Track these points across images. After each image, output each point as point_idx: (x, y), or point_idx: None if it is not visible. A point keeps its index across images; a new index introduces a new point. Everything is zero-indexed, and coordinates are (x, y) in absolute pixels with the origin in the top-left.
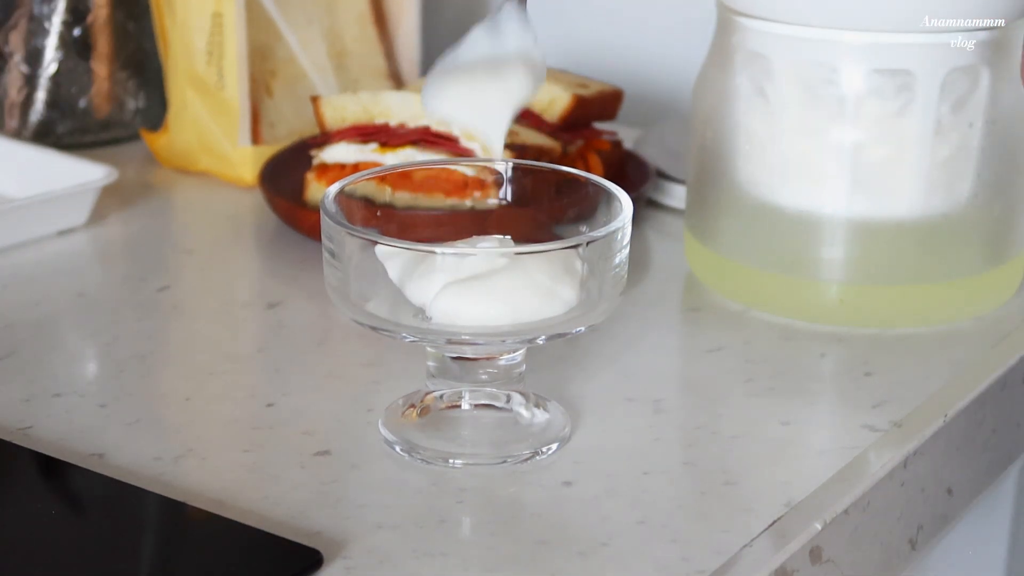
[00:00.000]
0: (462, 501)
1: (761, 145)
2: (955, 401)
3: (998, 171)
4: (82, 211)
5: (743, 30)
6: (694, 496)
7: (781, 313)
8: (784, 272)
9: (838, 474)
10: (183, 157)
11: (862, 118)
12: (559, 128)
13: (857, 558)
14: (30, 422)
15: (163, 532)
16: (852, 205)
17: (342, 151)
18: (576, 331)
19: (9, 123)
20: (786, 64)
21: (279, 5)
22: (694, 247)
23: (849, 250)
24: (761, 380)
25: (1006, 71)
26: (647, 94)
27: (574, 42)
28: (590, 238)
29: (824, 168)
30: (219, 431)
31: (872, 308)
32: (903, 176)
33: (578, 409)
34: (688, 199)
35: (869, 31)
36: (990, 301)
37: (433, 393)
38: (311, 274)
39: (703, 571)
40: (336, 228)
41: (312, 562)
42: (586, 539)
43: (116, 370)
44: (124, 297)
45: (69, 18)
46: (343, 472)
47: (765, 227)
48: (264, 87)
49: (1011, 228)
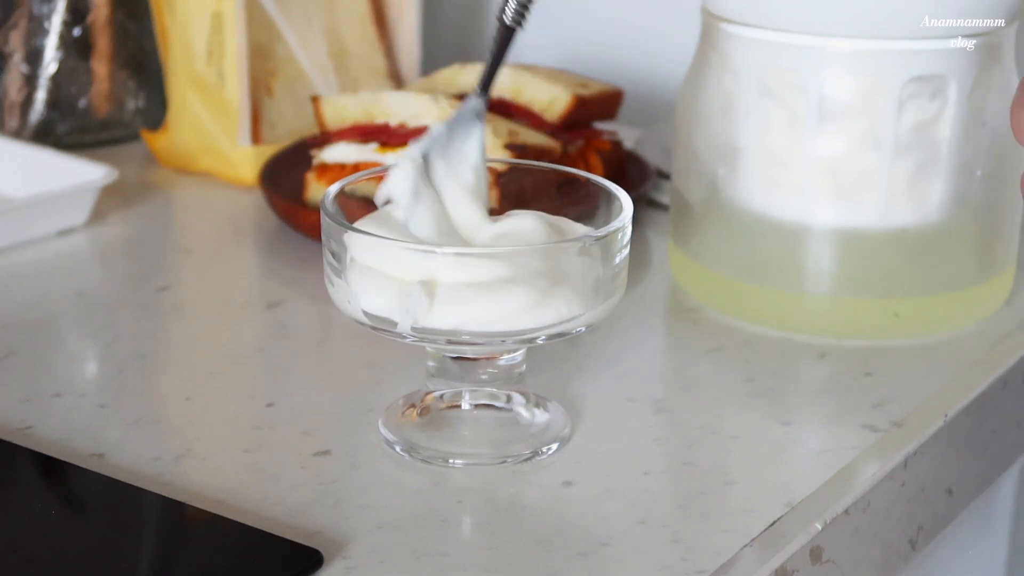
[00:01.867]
0: (462, 501)
1: (745, 154)
2: (955, 401)
3: (984, 182)
4: (82, 211)
5: (727, 37)
6: (694, 496)
7: (764, 324)
8: (767, 284)
9: (838, 474)
10: (183, 157)
11: (845, 127)
12: (559, 128)
13: (857, 558)
14: (30, 422)
15: (163, 532)
16: (836, 216)
17: (342, 151)
18: (576, 331)
19: (9, 123)
20: (768, 72)
21: (279, 5)
22: (678, 257)
23: (832, 261)
24: (761, 380)
25: (996, 78)
26: (647, 94)
27: (574, 42)
28: (590, 238)
29: (807, 178)
30: (219, 431)
31: (857, 321)
32: (885, 186)
33: (578, 409)
34: (671, 209)
35: (851, 38)
36: (978, 313)
37: (433, 393)
38: (311, 274)
39: (703, 571)
40: (336, 228)
41: (312, 562)
42: (586, 539)
43: (116, 370)
44: (124, 297)
45: (69, 18)
46: (343, 472)
47: (749, 238)
48: (264, 87)
49: (998, 240)
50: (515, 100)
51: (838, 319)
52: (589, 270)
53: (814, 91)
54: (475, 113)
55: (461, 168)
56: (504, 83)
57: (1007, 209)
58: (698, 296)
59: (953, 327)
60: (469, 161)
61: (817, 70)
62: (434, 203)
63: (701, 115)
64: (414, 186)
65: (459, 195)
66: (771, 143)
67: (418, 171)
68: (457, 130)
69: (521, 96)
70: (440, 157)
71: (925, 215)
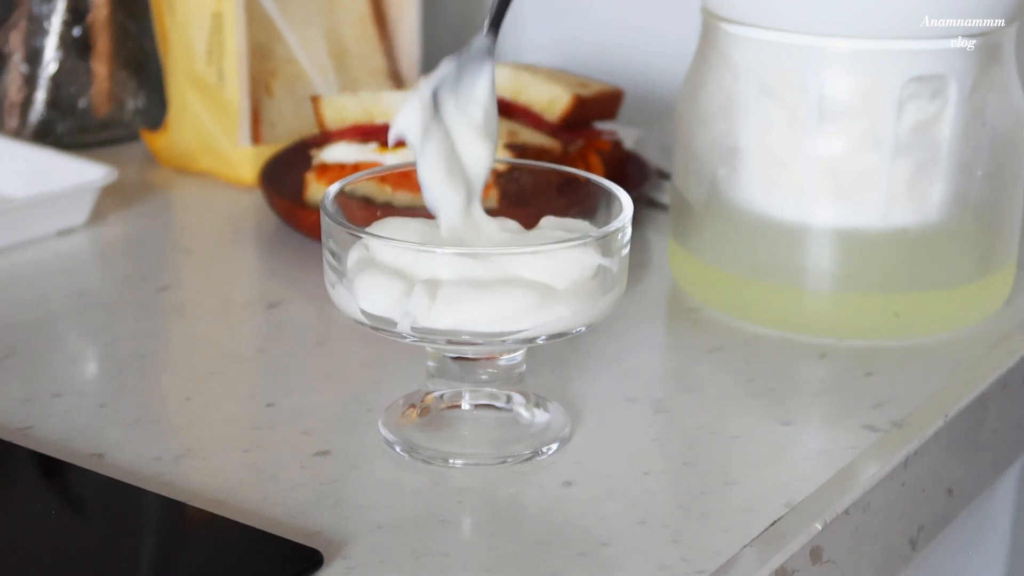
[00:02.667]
0: (462, 501)
1: (745, 154)
2: (955, 401)
3: (984, 182)
4: (82, 211)
5: (727, 37)
6: (694, 496)
7: (764, 324)
8: (767, 283)
9: (838, 474)
10: (183, 157)
11: (845, 127)
12: (559, 128)
13: (857, 558)
14: (30, 422)
15: (163, 532)
16: (836, 216)
17: (342, 151)
18: (576, 331)
19: (9, 123)
20: (768, 72)
21: (279, 5)
22: (678, 257)
23: (832, 261)
24: (761, 380)
25: (996, 78)
26: (647, 94)
27: (574, 42)
28: (590, 238)
29: (807, 178)
30: (219, 431)
31: (857, 320)
32: (885, 186)
33: (578, 409)
34: (671, 208)
35: (851, 38)
36: (978, 313)
37: (433, 393)
38: (311, 274)
39: (703, 571)
40: (336, 228)
41: (312, 562)
42: (586, 539)
43: (116, 370)
44: (124, 297)
45: (69, 18)
46: (343, 472)
47: (749, 238)
48: (264, 87)
49: (998, 240)
50: (515, 100)
51: (838, 319)
52: (589, 270)
53: (814, 91)
54: (485, 51)
55: (471, 107)
56: (504, 83)
57: (1007, 209)
58: (698, 296)
59: (953, 327)
60: (479, 100)
61: (817, 70)
62: (444, 141)
63: (701, 115)
64: (423, 123)
65: (469, 134)
66: (771, 143)
67: (427, 109)
68: (467, 68)
69: (521, 96)
70: (450, 95)
71: (925, 215)
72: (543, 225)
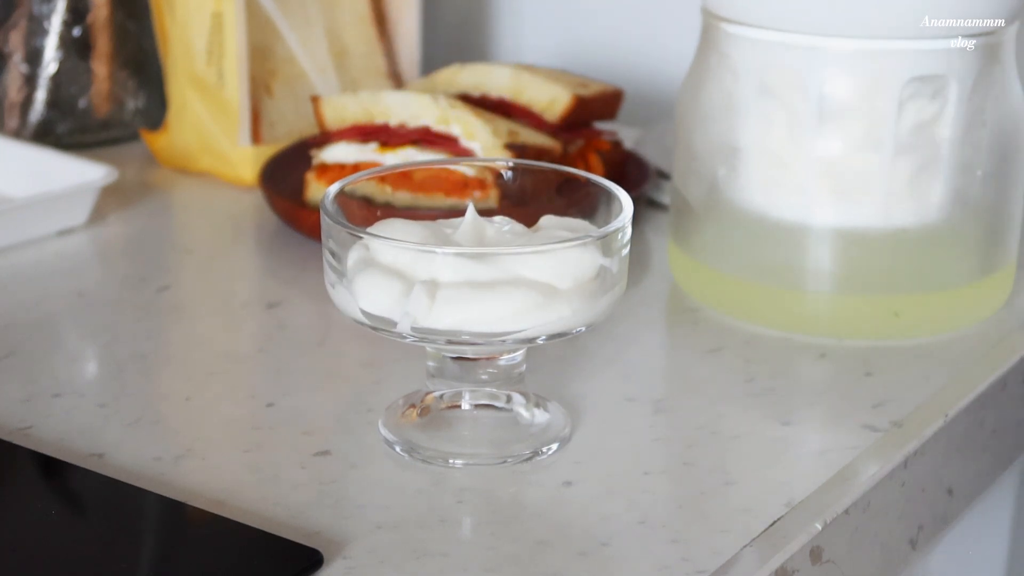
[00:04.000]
0: (462, 501)
1: (745, 154)
2: (955, 401)
3: (984, 182)
4: (82, 211)
5: (727, 37)
6: (694, 496)
7: (764, 324)
8: (768, 283)
9: (838, 474)
10: (183, 157)
11: (845, 127)
12: (559, 128)
13: (857, 558)
14: (30, 422)
15: (163, 532)
16: (836, 215)
17: (342, 151)
18: (576, 331)
19: (9, 123)
20: (768, 72)
21: (279, 5)
22: (678, 257)
23: (832, 261)
24: (761, 380)
25: (996, 78)
26: (647, 94)
27: (574, 42)
28: (590, 237)
29: (807, 178)
30: (219, 431)
31: (857, 320)
32: (885, 186)
33: (578, 409)
34: (671, 209)
35: (851, 38)
36: (978, 313)
37: (433, 393)
38: (311, 274)
39: (703, 571)
40: (336, 228)
41: (312, 562)
42: (586, 539)
43: (116, 370)
44: (124, 297)
45: (69, 18)
46: (343, 472)
47: (749, 238)
48: (264, 87)
49: (998, 240)
50: (515, 100)
51: (838, 319)
52: (589, 270)
53: (814, 91)
54: None
55: None
56: (504, 83)
57: (1007, 209)
58: (698, 296)
59: (953, 327)
60: None
61: (817, 70)
62: None
63: (701, 115)
64: None
65: None
66: (771, 143)
67: None
68: None
69: (521, 96)
70: None
71: (925, 215)
72: (543, 224)
